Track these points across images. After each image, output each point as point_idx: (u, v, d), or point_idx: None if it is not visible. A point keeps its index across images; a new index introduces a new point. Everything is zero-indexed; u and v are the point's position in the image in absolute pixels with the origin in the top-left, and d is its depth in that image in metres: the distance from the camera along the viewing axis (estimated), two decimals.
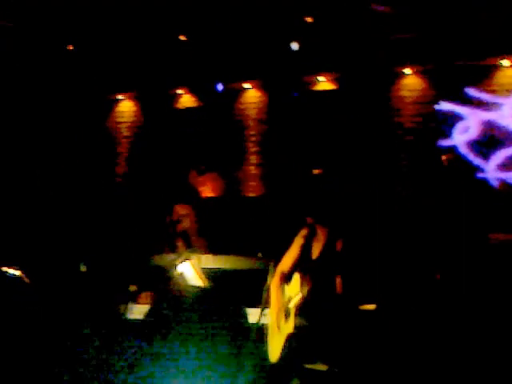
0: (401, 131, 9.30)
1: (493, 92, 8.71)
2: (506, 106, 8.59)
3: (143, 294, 5.69)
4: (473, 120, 8.73)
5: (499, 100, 8.64)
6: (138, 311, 5.37)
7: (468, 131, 8.76)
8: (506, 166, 8.55)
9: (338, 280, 5.04)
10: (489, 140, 8.65)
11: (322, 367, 4.79)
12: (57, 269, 5.60)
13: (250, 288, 5.73)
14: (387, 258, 6.86)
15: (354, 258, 5.20)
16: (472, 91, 8.71)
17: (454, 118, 8.82)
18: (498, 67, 8.76)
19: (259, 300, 5.41)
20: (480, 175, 8.57)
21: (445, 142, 8.85)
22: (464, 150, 8.74)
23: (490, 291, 6.66)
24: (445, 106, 8.84)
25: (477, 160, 8.67)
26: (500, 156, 8.56)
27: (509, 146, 8.56)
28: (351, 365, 4.89)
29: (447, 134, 8.85)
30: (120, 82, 11.08)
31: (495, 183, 8.52)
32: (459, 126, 8.80)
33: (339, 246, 5.17)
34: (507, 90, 8.67)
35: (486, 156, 8.65)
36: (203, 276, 5.52)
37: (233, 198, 9.05)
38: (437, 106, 8.87)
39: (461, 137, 8.78)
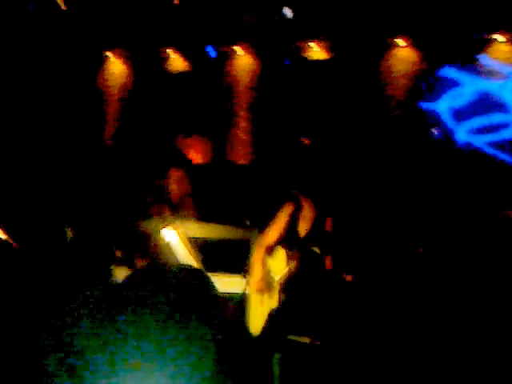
0: (392, 103, 9.28)
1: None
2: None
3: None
4: (468, 88, 8.71)
5: (499, 69, 8.62)
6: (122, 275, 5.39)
7: (459, 98, 8.75)
8: (486, 130, 8.56)
9: (328, 258, 5.07)
10: (478, 108, 8.66)
11: (304, 340, 4.83)
12: (42, 233, 5.56)
13: (235, 257, 5.75)
14: (373, 231, 6.90)
15: (341, 235, 5.22)
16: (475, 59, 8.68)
17: (448, 85, 8.80)
18: (492, 42, 8.72)
19: (244, 270, 5.44)
20: (462, 142, 8.60)
21: (427, 106, 8.84)
22: (448, 117, 8.75)
23: (471, 265, 6.72)
24: (444, 71, 8.80)
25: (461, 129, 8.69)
26: (483, 122, 8.58)
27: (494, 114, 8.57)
28: (333, 338, 4.94)
29: (435, 99, 8.84)
30: (110, 39, 10.96)
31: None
32: (451, 92, 8.79)
33: (328, 224, 5.17)
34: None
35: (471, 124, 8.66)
36: (188, 244, 5.52)
37: (220, 163, 9.03)
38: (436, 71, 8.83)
39: (449, 103, 8.78)
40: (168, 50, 10.72)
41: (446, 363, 5.36)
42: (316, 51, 9.76)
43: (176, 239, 5.48)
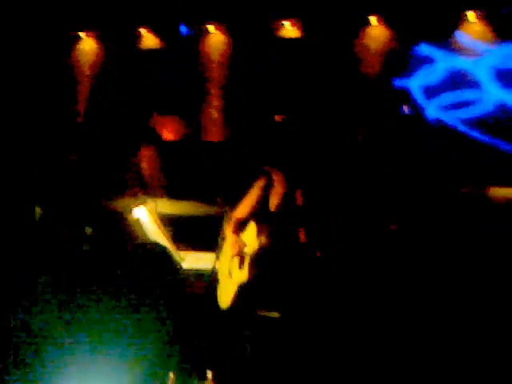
0: (365, 81, 9.28)
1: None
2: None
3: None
4: (441, 65, 8.73)
5: (472, 46, 8.63)
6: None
7: (432, 75, 8.77)
8: (456, 107, 8.59)
9: (300, 231, 5.07)
10: (450, 85, 8.68)
11: (274, 314, 4.84)
12: (11, 211, 5.54)
13: (206, 234, 5.75)
14: (344, 207, 6.91)
15: (313, 209, 5.22)
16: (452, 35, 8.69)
17: (421, 62, 8.81)
18: (465, 19, 8.73)
19: (215, 246, 5.44)
20: (432, 118, 8.64)
21: (400, 83, 8.86)
22: (420, 94, 8.78)
23: (444, 242, 6.77)
24: (417, 49, 8.80)
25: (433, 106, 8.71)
26: (454, 98, 8.61)
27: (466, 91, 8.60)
28: (304, 313, 4.96)
29: (408, 77, 8.85)
30: (81, 19, 10.84)
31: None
32: (424, 70, 8.81)
33: (299, 198, 5.17)
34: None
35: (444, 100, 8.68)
36: (159, 222, 5.52)
37: (193, 141, 8.99)
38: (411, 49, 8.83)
39: (421, 80, 8.80)
40: (140, 29, 10.64)
41: (419, 339, 5.41)
42: (289, 30, 9.73)
43: (146, 216, 5.48)
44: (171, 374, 3.19)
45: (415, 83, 8.77)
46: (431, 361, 5.15)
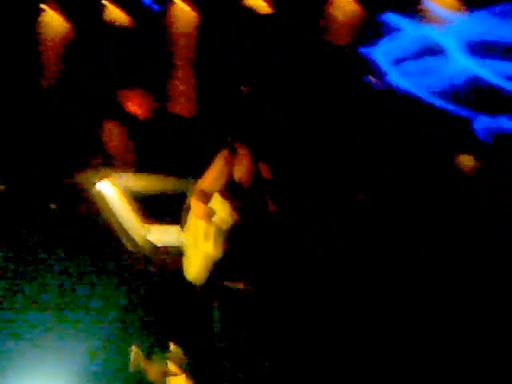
0: (333, 51, 9.24)
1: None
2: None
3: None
4: (408, 33, 8.72)
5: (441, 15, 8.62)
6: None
7: (399, 44, 8.76)
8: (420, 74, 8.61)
9: (268, 203, 5.06)
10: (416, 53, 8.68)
11: (240, 286, 4.84)
12: None
13: (173, 208, 5.71)
14: (311, 179, 6.90)
15: (279, 182, 5.20)
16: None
17: (388, 31, 8.79)
18: None
19: (179, 219, 5.41)
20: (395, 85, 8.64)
21: (366, 52, 8.85)
22: (386, 62, 8.78)
23: (412, 213, 6.80)
24: (385, 17, 8.77)
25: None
26: (419, 66, 8.61)
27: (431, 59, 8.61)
28: (271, 284, 4.96)
29: (374, 46, 8.84)
30: None
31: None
32: (391, 38, 8.79)
33: (265, 171, 5.14)
34: None
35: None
36: (125, 196, 5.47)
37: (160, 115, 8.92)
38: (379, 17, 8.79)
39: (388, 48, 8.79)
40: (105, 2, 10.51)
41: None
42: (256, 2, 9.66)
43: (112, 191, 5.43)
44: (134, 347, 3.17)
45: (381, 52, 8.75)
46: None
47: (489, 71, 8.28)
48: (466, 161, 7.27)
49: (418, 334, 5.32)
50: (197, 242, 4.88)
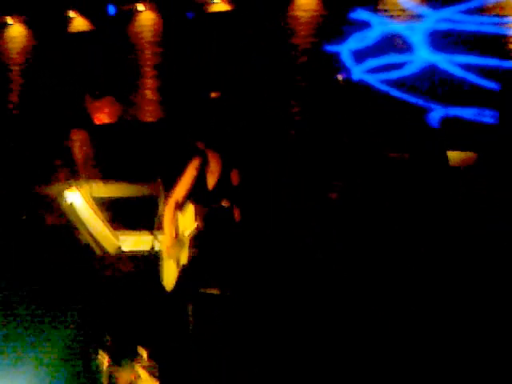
0: (296, 52, 9.25)
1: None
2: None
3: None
4: (376, 29, 8.75)
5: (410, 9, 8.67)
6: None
7: (366, 40, 8.79)
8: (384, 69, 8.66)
9: (236, 210, 5.03)
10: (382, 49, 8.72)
11: (215, 291, 4.82)
12: None
13: (142, 215, 5.68)
14: (282, 181, 6.90)
15: (248, 188, 5.17)
16: None
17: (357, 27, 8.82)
18: None
19: (151, 227, 5.38)
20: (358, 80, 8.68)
21: (333, 49, 8.88)
22: (351, 58, 8.81)
23: (385, 208, 6.81)
24: (354, 14, 8.79)
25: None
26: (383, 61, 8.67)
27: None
28: (243, 289, 4.95)
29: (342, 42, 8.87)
30: (9, 5, 10.63)
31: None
32: (359, 34, 8.82)
33: (235, 178, 5.11)
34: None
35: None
36: (94, 205, 5.43)
37: (129, 123, 8.89)
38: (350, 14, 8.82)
39: (356, 45, 8.82)
40: (70, 13, 10.47)
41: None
42: (219, 4, 9.65)
43: (80, 200, 5.39)
44: (103, 354, 3.14)
45: (347, 48, 8.79)
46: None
47: (452, 64, 8.37)
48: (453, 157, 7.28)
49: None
50: (173, 252, 4.85)
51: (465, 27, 8.33)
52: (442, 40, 8.44)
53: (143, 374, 3.25)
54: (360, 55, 8.75)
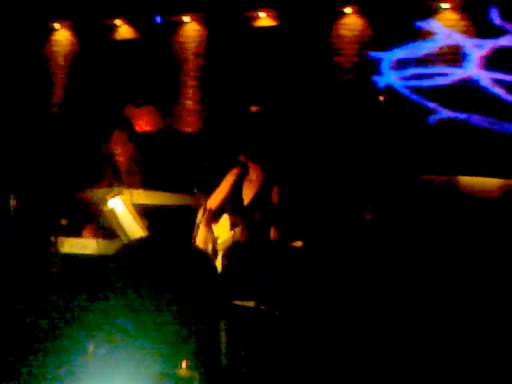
0: (340, 71, 9.30)
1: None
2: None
3: (88, 227, 5.63)
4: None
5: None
6: (68, 244, 5.38)
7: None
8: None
9: (273, 227, 5.03)
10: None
11: (249, 304, 4.85)
12: None
13: (182, 224, 5.74)
14: (319, 197, 6.94)
15: (288, 205, 5.17)
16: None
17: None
18: (438, 8, 8.79)
19: (190, 236, 5.44)
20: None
21: (381, 81, 8.93)
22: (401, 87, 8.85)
23: (419, 231, 6.82)
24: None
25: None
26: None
27: None
28: (278, 302, 4.97)
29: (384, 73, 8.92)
30: (57, 10, 10.79)
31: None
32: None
33: (275, 195, 5.10)
34: None
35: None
36: (135, 212, 5.50)
37: (169, 132, 8.98)
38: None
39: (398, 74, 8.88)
40: (116, 20, 10.61)
41: (391, 326, 5.44)
42: (264, 20, 9.74)
43: (122, 207, 5.46)
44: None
45: (390, 64, 8.85)
46: (419, 352, 5.16)
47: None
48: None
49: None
50: None
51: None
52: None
53: None
54: (403, 69, 8.80)
